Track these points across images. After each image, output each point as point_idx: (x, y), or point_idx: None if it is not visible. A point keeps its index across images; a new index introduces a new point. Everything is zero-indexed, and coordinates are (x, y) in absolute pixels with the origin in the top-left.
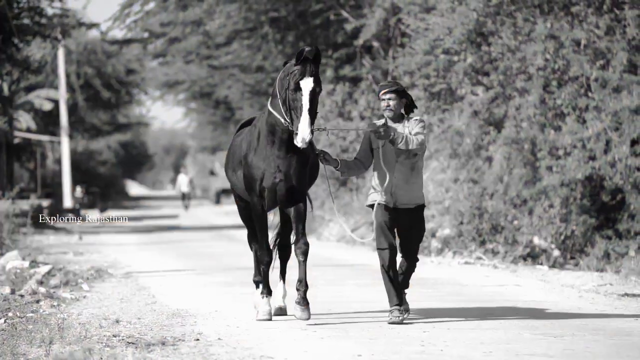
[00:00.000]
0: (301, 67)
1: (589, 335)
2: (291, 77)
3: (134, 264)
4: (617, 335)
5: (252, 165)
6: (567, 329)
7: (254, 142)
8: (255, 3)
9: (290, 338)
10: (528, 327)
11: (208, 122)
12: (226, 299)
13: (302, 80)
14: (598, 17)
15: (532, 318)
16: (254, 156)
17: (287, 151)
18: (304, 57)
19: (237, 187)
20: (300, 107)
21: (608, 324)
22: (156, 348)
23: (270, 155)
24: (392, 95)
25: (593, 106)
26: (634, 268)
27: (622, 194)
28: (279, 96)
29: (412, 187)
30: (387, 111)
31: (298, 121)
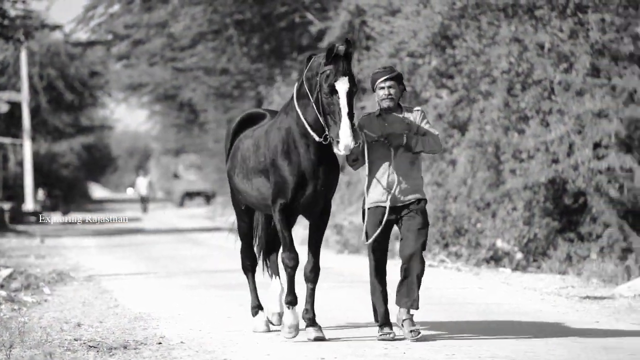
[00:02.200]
0: (334, 67)
1: (551, 337)
2: (323, 78)
3: (96, 267)
4: (579, 338)
5: (286, 170)
6: (529, 331)
7: (281, 145)
8: (220, 5)
9: (253, 341)
10: (490, 330)
11: (172, 125)
12: (189, 302)
13: (337, 82)
14: (562, 21)
15: (495, 320)
16: (287, 160)
17: (323, 155)
18: (335, 55)
19: (247, 194)
20: (339, 111)
21: (570, 326)
22: (118, 352)
23: (307, 160)
24: (392, 83)
25: (556, 109)
26: (595, 270)
27: (585, 197)
28: (310, 97)
29: (412, 183)
30: (387, 101)
31: (337, 127)
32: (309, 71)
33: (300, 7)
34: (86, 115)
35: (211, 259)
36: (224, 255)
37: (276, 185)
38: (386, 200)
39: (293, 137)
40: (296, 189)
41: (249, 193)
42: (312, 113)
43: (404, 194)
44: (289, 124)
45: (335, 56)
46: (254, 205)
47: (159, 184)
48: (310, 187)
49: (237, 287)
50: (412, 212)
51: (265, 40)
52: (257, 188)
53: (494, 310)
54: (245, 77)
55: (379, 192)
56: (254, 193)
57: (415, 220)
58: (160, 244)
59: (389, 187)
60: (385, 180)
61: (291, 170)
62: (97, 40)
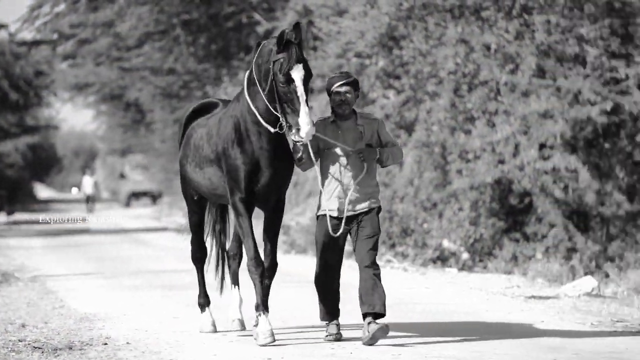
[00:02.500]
0: (287, 54)
1: (497, 337)
2: (277, 67)
3: (42, 268)
4: (524, 337)
5: (238, 159)
6: (475, 331)
7: (233, 134)
8: (167, 5)
9: (199, 342)
10: (436, 330)
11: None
12: (135, 303)
13: (292, 70)
14: (508, 22)
15: (441, 320)
16: (238, 149)
17: (276, 144)
18: (286, 41)
19: (198, 183)
20: (297, 98)
21: (515, 326)
22: (63, 353)
23: (259, 148)
24: (348, 88)
25: (502, 110)
26: (540, 270)
27: (530, 198)
28: (259, 86)
29: (364, 191)
30: (342, 106)
31: (296, 115)
32: (259, 57)
33: (248, 7)
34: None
35: (157, 259)
36: (170, 256)
37: (229, 175)
38: (333, 210)
39: (245, 125)
40: (250, 178)
41: (200, 182)
42: (262, 101)
43: (355, 204)
44: (241, 111)
45: (287, 43)
46: (205, 194)
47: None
48: (265, 175)
49: (183, 287)
50: (363, 221)
51: (212, 41)
52: (208, 177)
53: (441, 310)
54: (192, 77)
55: (329, 201)
56: (205, 182)
57: (365, 229)
58: (106, 244)
59: (339, 197)
60: (335, 188)
61: (244, 159)
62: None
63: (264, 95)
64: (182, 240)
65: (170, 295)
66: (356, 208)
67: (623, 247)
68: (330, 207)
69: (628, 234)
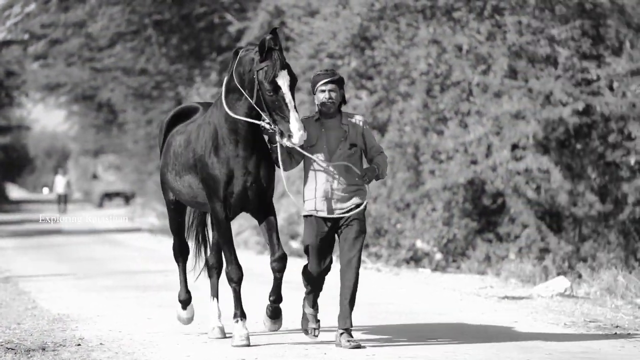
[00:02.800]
0: (270, 62)
1: (470, 337)
2: (262, 76)
3: (14, 269)
4: (497, 338)
5: (214, 167)
6: (448, 331)
7: (210, 142)
8: (139, 5)
9: (174, 342)
10: (411, 330)
11: (90, 125)
12: (108, 304)
13: (278, 77)
14: (479, 23)
15: (414, 321)
16: (215, 157)
17: (254, 150)
18: (267, 49)
19: (179, 191)
20: (286, 105)
21: (488, 326)
22: (36, 354)
23: (235, 157)
24: (333, 86)
25: (475, 111)
26: (513, 271)
27: (503, 198)
28: (242, 92)
29: (349, 189)
30: (327, 105)
31: (286, 121)
32: (239, 66)
33: (220, 7)
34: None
35: (130, 260)
36: (144, 256)
37: (206, 183)
38: (321, 210)
39: (222, 134)
40: (227, 186)
41: (180, 190)
42: (241, 109)
43: (340, 202)
44: (218, 119)
45: (268, 50)
46: (187, 203)
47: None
48: (243, 183)
49: (156, 288)
50: (350, 220)
51: (184, 41)
52: (188, 185)
53: (414, 311)
54: (164, 78)
55: (314, 201)
56: (185, 190)
57: (351, 228)
58: (78, 244)
59: (325, 197)
60: (319, 188)
61: (220, 168)
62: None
63: (253, 103)
64: (155, 241)
65: (144, 296)
66: (344, 206)
67: (595, 247)
68: (318, 208)
69: (600, 235)
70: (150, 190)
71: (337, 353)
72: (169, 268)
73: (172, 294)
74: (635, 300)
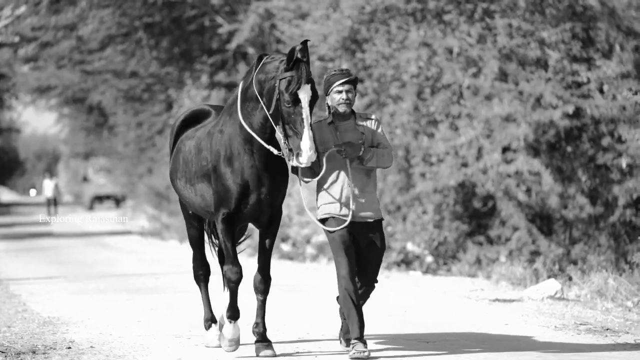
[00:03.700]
0: (296, 73)
1: (460, 340)
2: (283, 85)
3: (4, 271)
4: (488, 341)
5: (229, 178)
6: (438, 334)
7: (223, 151)
8: (129, 8)
9: (164, 345)
10: (400, 333)
11: (81, 128)
12: (99, 306)
13: (300, 91)
14: (470, 26)
15: (405, 323)
16: (229, 168)
17: (268, 162)
18: (296, 59)
19: (191, 201)
20: (301, 121)
21: (479, 329)
22: (27, 357)
23: (250, 167)
24: (350, 87)
25: (465, 114)
26: (504, 273)
27: (494, 201)
28: (261, 102)
29: (369, 197)
30: (343, 106)
31: (298, 138)
32: (261, 74)
33: (210, 10)
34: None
35: (121, 263)
36: (134, 259)
37: (218, 194)
38: (343, 214)
39: (236, 143)
40: (240, 199)
41: (192, 199)
42: (257, 118)
43: (361, 210)
44: (233, 128)
45: (296, 61)
46: (197, 212)
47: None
48: (254, 195)
49: (147, 291)
50: (372, 231)
51: (174, 44)
52: (200, 194)
53: (405, 314)
54: (155, 80)
55: (333, 205)
56: (197, 200)
57: (375, 240)
58: (69, 247)
59: (346, 202)
60: (338, 193)
61: (234, 179)
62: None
63: (269, 114)
64: (146, 243)
65: (134, 299)
66: (363, 215)
67: (586, 250)
68: (343, 213)
69: (591, 237)
70: (141, 192)
71: (327, 357)
72: (159, 271)
73: (162, 297)
74: (626, 302)
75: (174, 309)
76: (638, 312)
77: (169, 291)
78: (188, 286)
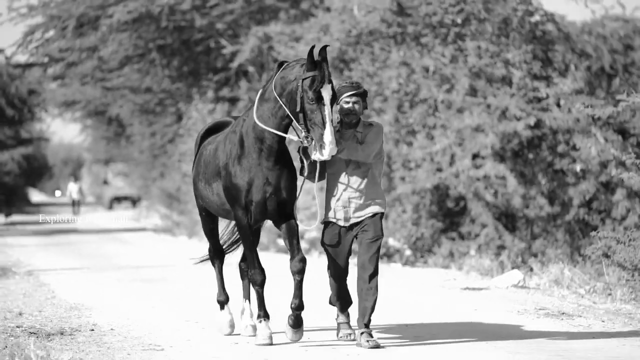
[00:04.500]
0: (319, 73)
1: (435, 323)
2: (307, 84)
3: (35, 263)
4: (460, 323)
5: (236, 176)
6: (415, 318)
7: (234, 150)
8: (145, 32)
9: (175, 328)
10: (381, 318)
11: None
12: (118, 294)
13: (323, 89)
14: (444, 47)
15: (386, 309)
16: (238, 166)
17: (277, 161)
18: (318, 61)
19: (208, 200)
20: (323, 117)
21: (451, 313)
22: (55, 337)
23: (257, 165)
24: (357, 99)
25: (440, 124)
26: (474, 265)
27: (465, 201)
28: (281, 102)
29: (367, 197)
30: (350, 116)
31: (321, 131)
32: (281, 77)
33: (215, 33)
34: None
35: (136, 256)
36: (148, 253)
37: (227, 191)
38: (340, 219)
39: (248, 142)
40: (247, 195)
41: (210, 198)
42: (275, 118)
43: (358, 211)
44: (246, 128)
45: (318, 62)
46: (215, 211)
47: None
48: (264, 192)
49: (160, 280)
50: (366, 225)
51: (184, 63)
52: (216, 193)
53: (386, 301)
54: (166, 95)
55: (333, 210)
56: (214, 198)
57: (367, 233)
58: (91, 242)
59: (344, 205)
60: (338, 197)
61: (242, 175)
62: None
63: (288, 111)
64: (159, 239)
65: (149, 287)
66: (361, 214)
67: (545, 244)
68: (337, 217)
69: (549, 233)
70: (154, 194)
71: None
72: (170, 263)
73: (173, 286)
74: (579, 290)
75: (183, 296)
76: (589, 298)
77: (178, 281)
78: (195, 277)
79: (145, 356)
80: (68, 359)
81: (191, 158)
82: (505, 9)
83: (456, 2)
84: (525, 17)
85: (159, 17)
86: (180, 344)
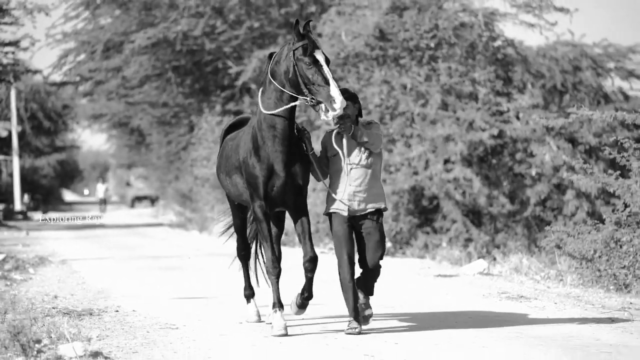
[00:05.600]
0: (308, 41)
1: (411, 305)
2: (300, 52)
3: (68, 253)
4: (433, 305)
5: (256, 167)
6: (394, 302)
7: (250, 143)
8: (162, 55)
9: (188, 311)
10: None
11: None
12: (139, 281)
13: (316, 52)
14: (419, 68)
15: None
16: (256, 157)
17: (290, 147)
18: (304, 33)
19: (230, 192)
20: (324, 76)
21: (426, 297)
22: (85, 317)
23: (274, 151)
24: (347, 103)
25: (416, 134)
26: (445, 255)
27: (437, 200)
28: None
29: (369, 192)
30: (344, 119)
31: (325, 90)
32: (276, 63)
33: (222, 56)
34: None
35: (154, 247)
36: (165, 245)
37: (248, 182)
38: (342, 210)
39: (261, 133)
40: (267, 183)
41: (230, 190)
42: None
43: (362, 203)
44: (258, 121)
45: (305, 34)
46: (235, 200)
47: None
48: (281, 178)
49: (176, 269)
50: (371, 227)
51: (195, 81)
52: (235, 184)
53: None
54: (180, 109)
55: (337, 203)
56: (233, 189)
57: (373, 236)
58: (116, 236)
59: (349, 199)
60: (343, 191)
61: (260, 166)
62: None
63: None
64: (174, 233)
65: (166, 275)
66: (363, 208)
67: (506, 237)
68: (340, 208)
69: (510, 228)
70: (170, 194)
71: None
72: (184, 254)
73: (186, 273)
74: (535, 277)
75: (195, 282)
76: (544, 283)
77: (190, 269)
78: (205, 266)
79: (162, 333)
80: (96, 336)
81: (202, 163)
82: (472, 35)
83: (430, 29)
84: (489, 42)
85: (174, 42)
86: (193, 323)
